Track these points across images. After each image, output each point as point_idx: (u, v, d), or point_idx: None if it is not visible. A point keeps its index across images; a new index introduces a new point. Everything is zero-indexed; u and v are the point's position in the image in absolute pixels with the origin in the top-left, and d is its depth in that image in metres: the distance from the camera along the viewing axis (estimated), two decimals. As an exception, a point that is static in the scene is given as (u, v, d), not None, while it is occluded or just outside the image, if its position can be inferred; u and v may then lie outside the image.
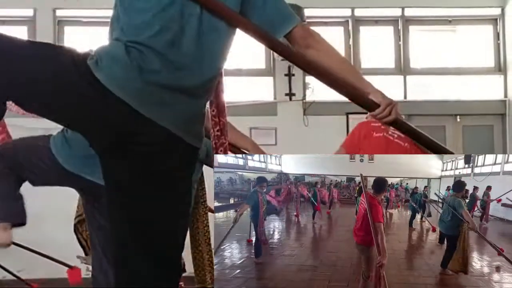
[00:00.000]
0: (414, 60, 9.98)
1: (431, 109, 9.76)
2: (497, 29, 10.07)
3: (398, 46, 9.93)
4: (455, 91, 9.96)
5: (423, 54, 10.05)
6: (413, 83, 9.91)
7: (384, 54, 9.96)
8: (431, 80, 9.98)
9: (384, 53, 9.97)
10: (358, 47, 9.85)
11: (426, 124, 9.76)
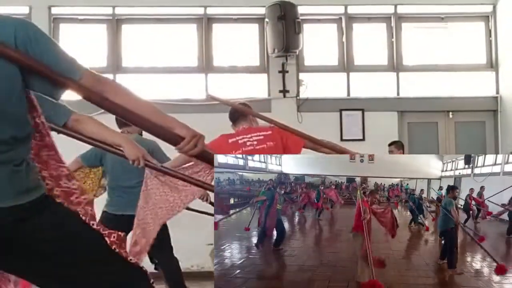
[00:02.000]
0: (406, 57, 10.04)
1: (423, 106, 9.84)
2: (489, 26, 10.16)
3: (391, 43, 10.00)
4: (448, 88, 10.04)
5: (416, 51, 10.12)
6: (406, 80, 9.97)
7: (377, 51, 10.03)
8: (423, 76, 10.06)
9: (377, 50, 10.03)
10: (351, 44, 9.92)
11: (419, 120, 9.87)
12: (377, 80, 9.81)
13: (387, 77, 9.91)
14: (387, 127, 9.55)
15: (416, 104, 9.83)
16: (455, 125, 10.09)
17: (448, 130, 10.07)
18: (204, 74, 9.61)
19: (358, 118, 9.57)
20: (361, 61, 9.90)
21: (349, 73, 9.80)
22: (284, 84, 9.51)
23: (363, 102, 9.68)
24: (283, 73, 9.50)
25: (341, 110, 9.55)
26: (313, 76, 9.79)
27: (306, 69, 9.76)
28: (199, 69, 9.64)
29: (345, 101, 9.70)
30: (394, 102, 9.78)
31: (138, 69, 9.63)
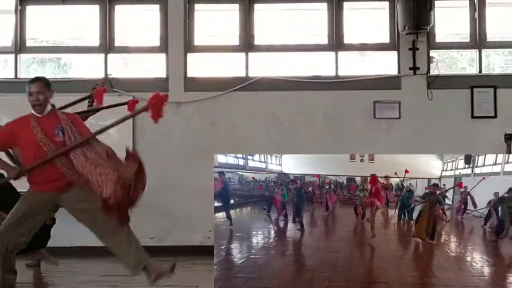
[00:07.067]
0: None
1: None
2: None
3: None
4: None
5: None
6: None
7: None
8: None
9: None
10: (484, 20, 9.70)
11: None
12: (510, 57, 9.65)
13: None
14: (520, 104, 9.38)
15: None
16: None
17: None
18: (334, 52, 9.75)
19: (490, 95, 9.43)
20: (493, 38, 9.73)
21: (481, 50, 9.65)
22: (414, 61, 9.48)
23: (495, 79, 9.54)
24: (413, 50, 9.48)
25: (472, 87, 9.44)
26: (443, 53, 9.76)
27: (437, 46, 9.69)
28: (330, 46, 9.79)
29: (477, 78, 9.58)
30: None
31: (270, 47, 9.90)
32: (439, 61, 9.56)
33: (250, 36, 9.78)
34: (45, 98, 5.70)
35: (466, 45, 9.76)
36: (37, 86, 5.69)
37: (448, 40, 9.79)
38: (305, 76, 9.62)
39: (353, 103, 9.52)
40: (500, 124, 9.20)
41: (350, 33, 9.80)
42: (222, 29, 9.97)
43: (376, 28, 9.89)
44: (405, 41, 9.50)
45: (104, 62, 9.78)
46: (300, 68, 9.77)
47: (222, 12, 10.01)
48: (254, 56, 9.80)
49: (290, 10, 9.98)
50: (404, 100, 9.50)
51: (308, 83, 9.54)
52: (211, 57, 9.96)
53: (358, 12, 9.98)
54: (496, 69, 9.79)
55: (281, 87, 9.55)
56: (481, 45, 9.65)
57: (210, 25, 9.95)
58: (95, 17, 9.85)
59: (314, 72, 9.70)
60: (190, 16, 9.79)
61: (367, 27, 9.93)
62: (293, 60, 9.87)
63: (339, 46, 9.74)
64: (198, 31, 9.82)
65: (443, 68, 9.61)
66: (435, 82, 9.44)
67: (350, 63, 9.84)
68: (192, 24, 9.80)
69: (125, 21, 9.97)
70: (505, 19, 9.84)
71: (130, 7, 10.01)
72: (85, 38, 10.01)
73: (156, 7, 9.84)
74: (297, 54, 9.89)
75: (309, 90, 9.55)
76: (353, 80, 9.56)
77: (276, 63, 9.85)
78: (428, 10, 8.99)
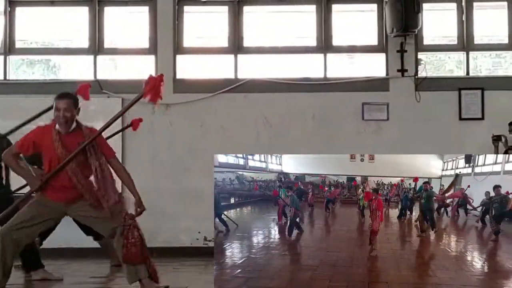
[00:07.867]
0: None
1: None
2: None
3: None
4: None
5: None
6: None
7: (498, 30, 9.88)
8: None
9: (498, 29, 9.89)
10: (472, 23, 9.76)
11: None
12: (497, 59, 9.72)
13: (508, 56, 9.81)
14: (508, 106, 9.42)
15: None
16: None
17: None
18: (323, 54, 9.79)
19: (477, 97, 9.49)
20: (481, 40, 9.80)
21: (469, 52, 9.71)
22: (402, 63, 9.53)
23: (482, 81, 9.61)
24: (401, 53, 9.52)
25: (460, 89, 9.51)
26: (431, 55, 9.82)
27: (425, 48, 9.75)
28: (318, 49, 9.83)
29: (464, 80, 9.64)
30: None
31: (259, 49, 9.93)
32: (427, 63, 9.62)
33: (239, 38, 9.81)
34: (72, 116, 5.57)
35: (454, 48, 9.83)
36: (65, 103, 5.55)
37: (436, 43, 9.86)
38: (294, 78, 9.66)
39: (342, 104, 9.56)
40: (487, 125, 9.26)
41: (338, 35, 9.84)
42: (211, 31, 9.99)
43: (364, 30, 9.94)
44: (393, 44, 9.55)
45: (94, 64, 9.77)
46: (289, 70, 9.80)
47: (211, 14, 10.01)
48: (243, 58, 9.84)
49: (279, 13, 10.01)
50: (392, 102, 9.55)
51: (297, 85, 9.58)
52: (200, 59, 9.99)
53: (347, 15, 10.03)
54: (484, 71, 9.85)
55: (270, 89, 9.58)
56: (468, 47, 9.72)
57: (199, 27, 9.96)
58: (85, 19, 9.84)
59: (303, 74, 9.73)
60: (179, 18, 9.81)
61: (356, 29, 9.98)
62: (282, 62, 9.90)
63: (328, 48, 9.78)
64: (187, 33, 9.84)
65: (431, 70, 9.66)
66: (423, 84, 9.49)
67: (338, 65, 9.88)
68: (181, 26, 9.82)
69: (114, 23, 9.95)
70: (492, 21, 9.93)
71: (119, 8, 9.98)
72: (74, 40, 10.01)
73: (145, 9, 9.85)
74: (286, 56, 9.92)
75: (298, 92, 9.58)
76: (341, 82, 9.61)
77: (265, 65, 9.88)
78: (416, 12, 9.04)
